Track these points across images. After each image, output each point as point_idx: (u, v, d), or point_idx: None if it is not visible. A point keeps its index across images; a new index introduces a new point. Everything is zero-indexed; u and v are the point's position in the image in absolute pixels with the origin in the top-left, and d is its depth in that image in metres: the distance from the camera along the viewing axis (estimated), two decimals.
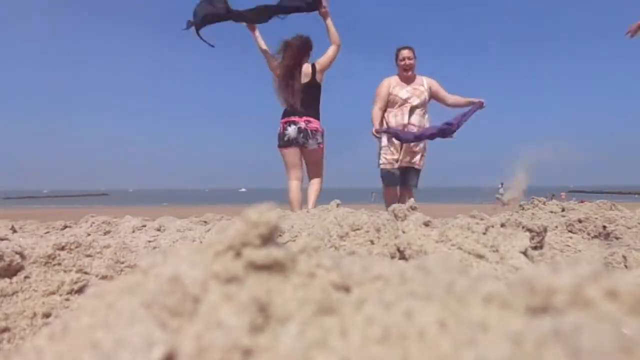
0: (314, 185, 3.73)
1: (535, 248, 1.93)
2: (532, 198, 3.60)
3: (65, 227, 2.79)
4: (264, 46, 3.82)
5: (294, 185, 3.70)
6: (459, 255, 1.58)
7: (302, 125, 3.57)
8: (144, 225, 2.41)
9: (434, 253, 1.58)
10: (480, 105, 3.98)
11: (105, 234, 2.32)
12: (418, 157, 4.19)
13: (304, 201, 3.67)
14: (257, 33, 3.84)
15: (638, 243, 1.81)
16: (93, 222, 2.48)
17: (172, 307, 0.32)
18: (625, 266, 1.59)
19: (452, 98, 4.18)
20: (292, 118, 3.61)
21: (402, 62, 4.07)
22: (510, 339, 0.27)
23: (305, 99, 3.62)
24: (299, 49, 3.66)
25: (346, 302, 0.33)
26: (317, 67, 3.69)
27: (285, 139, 3.61)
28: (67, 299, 1.08)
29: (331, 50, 3.74)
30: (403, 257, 1.59)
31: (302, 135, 3.56)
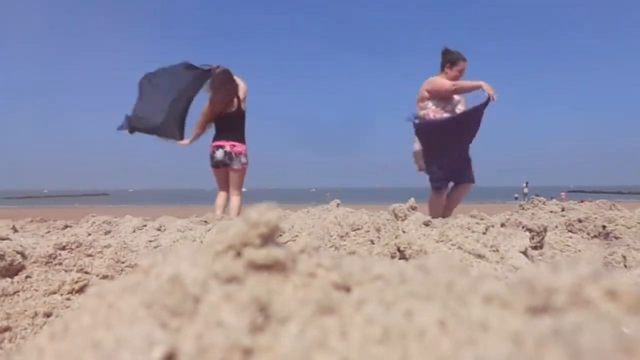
0: (234, 202, 4.39)
1: (535, 248, 1.93)
2: (532, 198, 3.60)
3: (66, 227, 2.79)
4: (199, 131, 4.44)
5: (220, 196, 4.43)
6: (459, 255, 1.58)
7: (228, 149, 4.27)
8: (145, 225, 2.41)
9: (434, 253, 1.58)
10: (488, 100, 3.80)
11: (105, 233, 2.32)
12: None
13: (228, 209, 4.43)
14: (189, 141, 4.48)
15: (638, 243, 1.81)
16: (94, 222, 2.48)
17: (172, 306, 0.32)
18: (625, 266, 1.59)
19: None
20: (221, 142, 4.28)
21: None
22: (510, 338, 0.27)
23: (233, 125, 4.30)
24: (227, 84, 4.24)
25: (346, 302, 0.33)
26: (241, 97, 4.31)
27: (215, 160, 4.31)
28: (68, 299, 1.08)
29: (242, 84, 4.34)
30: (403, 256, 1.59)
31: (227, 157, 4.27)
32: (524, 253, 1.61)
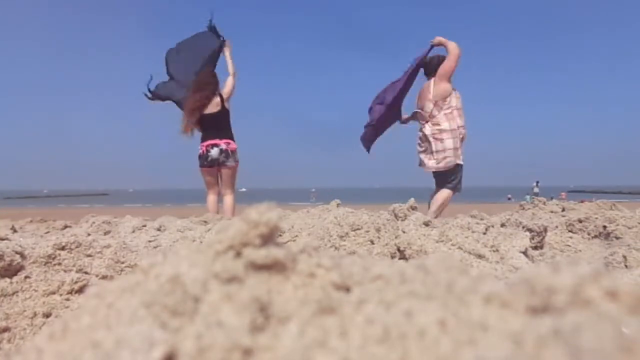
0: (228, 201, 4.33)
1: (535, 248, 1.93)
2: (532, 198, 3.61)
3: (66, 227, 2.79)
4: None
5: (212, 199, 4.36)
6: (459, 255, 1.58)
7: (224, 146, 4.24)
8: (144, 225, 2.41)
9: (434, 253, 1.58)
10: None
11: (105, 234, 2.32)
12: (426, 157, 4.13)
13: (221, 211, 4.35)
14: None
15: (638, 243, 1.81)
16: (93, 222, 2.48)
17: (172, 307, 0.32)
18: (625, 266, 1.59)
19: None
20: (214, 141, 4.23)
21: None
22: (510, 338, 0.27)
23: (221, 124, 4.26)
24: (206, 88, 4.21)
25: (346, 302, 0.33)
26: (224, 96, 4.25)
27: (209, 159, 4.24)
28: (68, 299, 1.08)
29: (230, 81, 4.32)
30: (403, 257, 1.59)
31: (223, 155, 4.23)
32: (524, 253, 1.61)
